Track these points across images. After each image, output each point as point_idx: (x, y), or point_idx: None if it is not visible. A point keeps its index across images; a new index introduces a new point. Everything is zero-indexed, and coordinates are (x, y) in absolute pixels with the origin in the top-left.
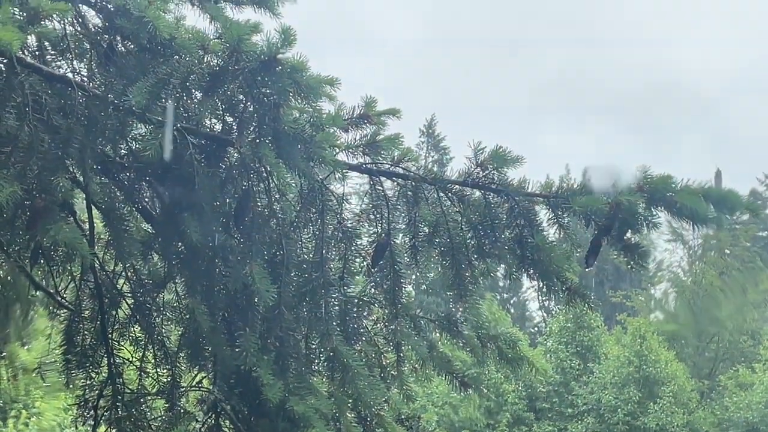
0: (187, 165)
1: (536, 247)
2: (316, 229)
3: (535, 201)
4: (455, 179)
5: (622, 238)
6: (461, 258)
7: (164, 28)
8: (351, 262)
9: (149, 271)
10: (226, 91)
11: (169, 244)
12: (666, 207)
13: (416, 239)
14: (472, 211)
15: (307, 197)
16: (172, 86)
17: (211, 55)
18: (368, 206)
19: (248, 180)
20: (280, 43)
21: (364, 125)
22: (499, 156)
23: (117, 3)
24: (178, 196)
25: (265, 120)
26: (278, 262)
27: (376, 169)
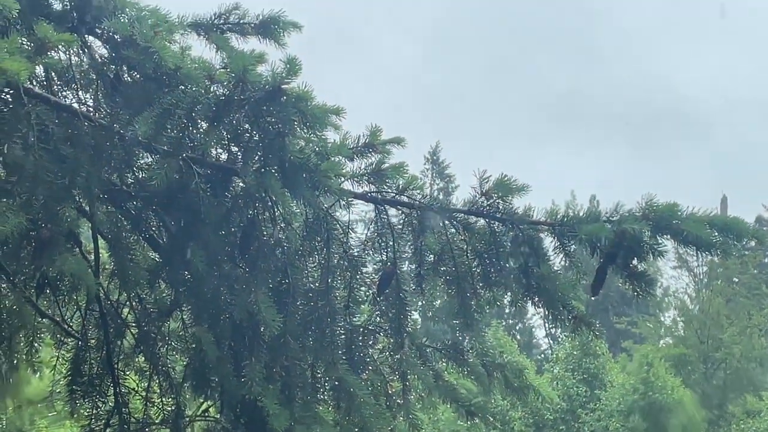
0: (193, 194)
1: (541, 275)
2: (322, 258)
3: (540, 229)
4: (460, 208)
5: (628, 266)
6: (467, 286)
7: (169, 58)
8: (356, 290)
9: (155, 300)
10: (231, 120)
11: (175, 272)
12: (672, 235)
13: (422, 267)
14: (477, 239)
15: (312, 226)
16: (177, 116)
17: (216, 85)
18: (373, 234)
19: (254, 209)
20: (285, 73)
21: (369, 154)
22: (504, 185)
23: (123, 33)
24: (184, 224)
25: (270, 149)
26: (284, 291)
27: (381, 197)
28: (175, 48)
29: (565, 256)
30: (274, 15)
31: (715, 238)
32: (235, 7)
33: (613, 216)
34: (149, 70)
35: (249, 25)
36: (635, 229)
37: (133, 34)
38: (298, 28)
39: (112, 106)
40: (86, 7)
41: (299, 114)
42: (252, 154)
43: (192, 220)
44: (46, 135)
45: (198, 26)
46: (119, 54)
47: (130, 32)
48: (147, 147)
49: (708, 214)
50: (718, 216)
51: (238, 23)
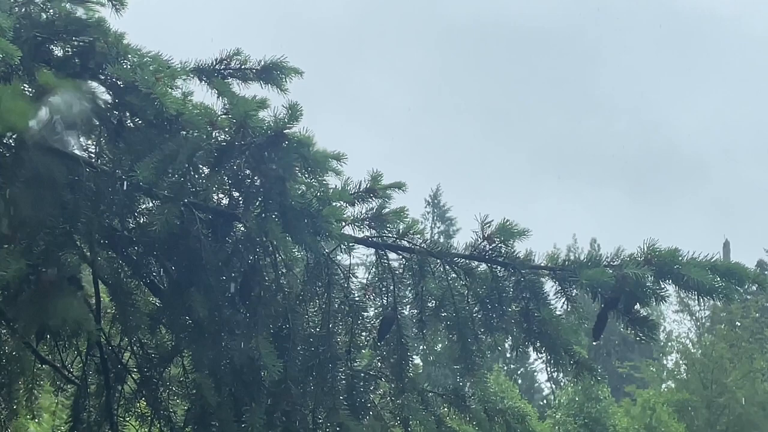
0: (194, 239)
1: (543, 320)
2: (323, 303)
3: (542, 274)
4: (462, 252)
5: (630, 311)
6: (468, 332)
7: (171, 104)
8: (358, 335)
9: (156, 345)
10: (232, 166)
11: (176, 317)
12: (673, 280)
13: (423, 312)
14: (478, 284)
15: (313, 271)
16: (179, 161)
17: (218, 131)
18: (374, 279)
19: (254, 254)
20: (286, 119)
21: (370, 199)
22: (506, 229)
23: (126, 79)
24: (185, 270)
25: (271, 194)
26: (285, 336)
27: (382, 242)
28: (177, 94)
29: (567, 300)
30: (276, 61)
31: (717, 283)
32: (236, 52)
33: (614, 261)
34: (151, 116)
35: (251, 71)
36: (637, 275)
37: (135, 80)
38: (299, 74)
39: (114, 152)
40: (89, 53)
41: (300, 159)
42: (253, 199)
43: (193, 265)
44: (48, 181)
45: (200, 72)
46: (122, 100)
47: (133, 78)
48: (148, 192)
49: (709, 259)
50: (719, 261)
51: (239, 69)
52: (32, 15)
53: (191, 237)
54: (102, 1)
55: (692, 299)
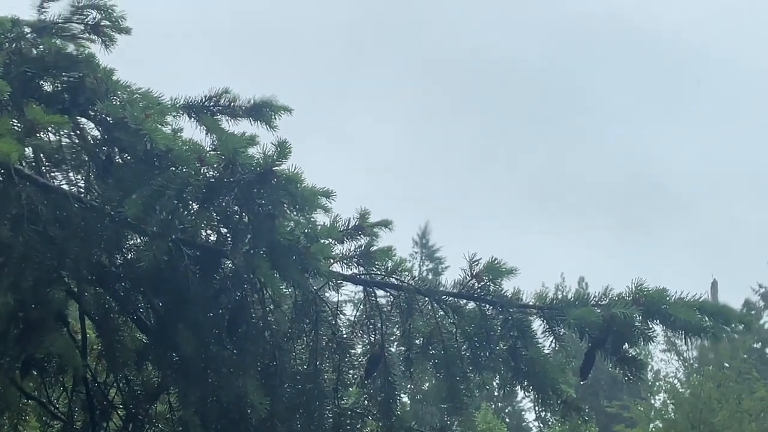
0: (182, 276)
1: (531, 359)
2: (310, 340)
3: (530, 312)
4: (450, 291)
5: (618, 350)
6: (456, 370)
7: (161, 139)
8: (345, 373)
9: (142, 382)
10: (221, 202)
11: (162, 354)
12: (661, 320)
13: (410, 350)
14: (467, 322)
15: (301, 308)
16: (167, 197)
17: (207, 167)
18: (362, 316)
19: (242, 291)
20: (276, 156)
21: (358, 236)
22: (494, 268)
23: (115, 116)
24: (172, 306)
25: (259, 231)
26: (272, 374)
27: (370, 279)
28: (167, 130)
29: (555, 339)
30: (266, 99)
31: (704, 323)
32: (225, 90)
33: (602, 300)
34: (140, 152)
35: (240, 108)
36: (625, 314)
37: (124, 116)
38: (289, 111)
39: (103, 188)
40: (79, 89)
41: (289, 196)
42: (242, 236)
43: (180, 301)
44: (36, 216)
45: (189, 108)
46: (111, 136)
47: (122, 114)
48: (136, 228)
49: (697, 299)
50: (707, 301)
51: (229, 106)
52: (22, 50)
53: (179, 273)
54: (92, 37)
55: (679, 339)
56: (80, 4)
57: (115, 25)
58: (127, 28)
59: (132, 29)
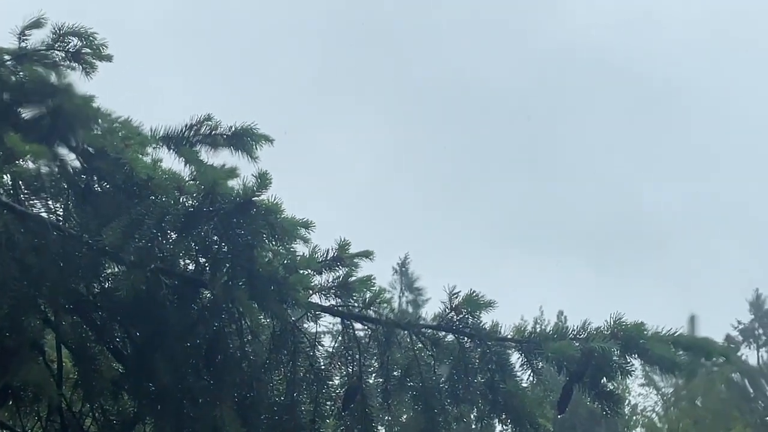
0: (160, 305)
1: (508, 392)
2: (288, 371)
3: (508, 345)
4: (429, 323)
5: (596, 384)
6: (434, 402)
7: (141, 168)
8: (322, 404)
9: (118, 412)
10: (200, 232)
11: (139, 384)
12: (639, 354)
13: (388, 382)
14: (445, 355)
15: (279, 339)
16: (146, 226)
17: (186, 197)
18: (340, 348)
19: (220, 321)
20: (256, 187)
21: (337, 267)
22: (473, 300)
23: (95, 145)
24: (149, 336)
25: (238, 261)
26: (249, 405)
27: (348, 311)
28: (147, 159)
29: (533, 373)
30: (247, 127)
31: (679, 358)
32: (207, 118)
33: (581, 333)
34: (120, 181)
35: (221, 137)
36: (604, 348)
37: (104, 145)
38: (269, 141)
39: (81, 216)
40: (59, 117)
41: (268, 227)
42: (220, 266)
43: (158, 331)
44: (13, 244)
45: (169, 139)
46: (90, 164)
47: (102, 144)
48: (114, 257)
49: (673, 333)
50: (682, 335)
51: (209, 135)
52: (2, 77)
53: (157, 303)
54: (72, 64)
55: (656, 373)
56: (61, 31)
57: (96, 52)
58: (109, 56)
59: (113, 56)
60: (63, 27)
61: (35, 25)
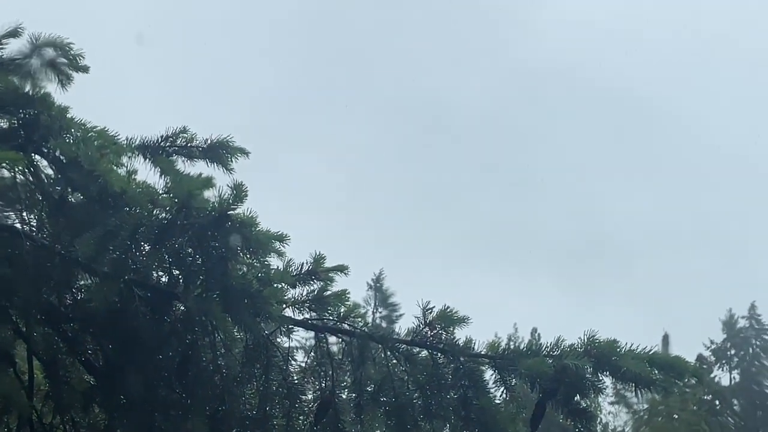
0: (132, 317)
1: (481, 408)
2: (261, 385)
3: (482, 362)
4: (403, 338)
5: (569, 402)
6: (407, 417)
7: (116, 181)
8: (295, 419)
9: (89, 424)
10: (174, 244)
11: (110, 396)
12: (612, 372)
13: (361, 397)
14: (419, 370)
15: (252, 352)
16: (120, 238)
17: (159, 209)
18: (313, 362)
19: (193, 334)
20: (231, 199)
21: (311, 281)
22: (447, 316)
23: (69, 155)
24: (121, 348)
25: (212, 274)
26: (221, 418)
27: (322, 325)
28: (122, 171)
29: (506, 389)
30: (222, 140)
31: (654, 375)
32: (182, 130)
33: (555, 351)
34: (94, 193)
35: (197, 149)
36: (577, 366)
37: (78, 155)
38: (245, 153)
39: (55, 227)
40: (34, 126)
41: (243, 240)
42: (194, 279)
43: (130, 343)
44: None
45: (145, 149)
46: (65, 175)
47: (75, 153)
48: (87, 268)
49: (647, 351)
50: (657, 354)
51: (185, 146)
52: None
53: (129, 315)
54: (49, 74)
55: (630, 391)
56: (38, 42)
57: (73, 63)
58: (85, 67)
59: (90, 68)
60: (40, 37)
61: (12, 35)
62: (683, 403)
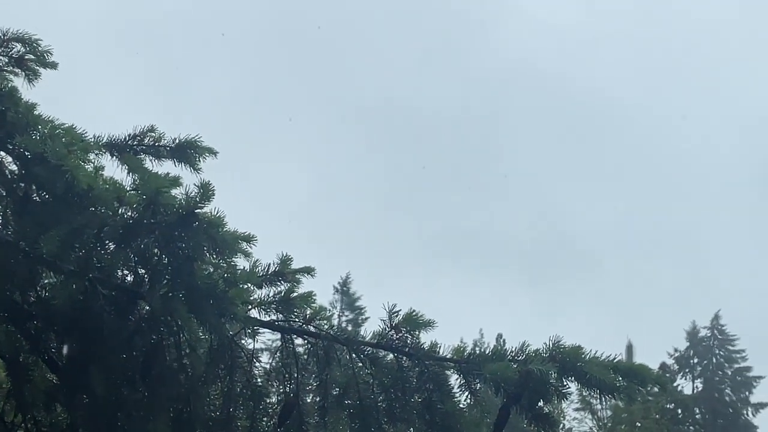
0: (96, 316)
1: (446, 412)
2: (225, 386)
3: (447, 366)
4: (368, 341)
5: (534, 406)
6: (371, 420)
7: (83, 177)
8: (259, 420)
9: (51, 423)
10: (140, 243)
11: (73, 395)
12: (576, 377)
13: (326, 400)
14: (384, 373)
15: (216, 353)
16: (86, 236)
17: (126, 207)
18: (278, 364)
19: (158, 333)
20: (198, 198)
21: (278, 282)
22: (413, 320)
23: (34, 151)
24: (85, 346)
25: (178, 274)
26: (184, 419)
27: (288, 327)
28: (89, 168)
29: (470, 394)
30: (191, 140)
31: (619, 382)
32: (150, 129)
33: (519, 355)
34: (60, 190)
35: (164, 148)
36: (542, 371)
37: (44, 151)
38: (213, 153)
39: (19, 224)
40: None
41: (210, 240)
42: (160, 278)
43: (94, 341)
44: None
45: (112, 147)
46: (30, 171)
47: (41, 149)
48: (52, 266)
49: (611, 358)
50: (621, 361)
51: (153, 146)
52: None
53: (93, 313)
54: (15, 70)
55: (594, 398)
56: (5, 36)
57: (40, 59)
58: (53, 63)
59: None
60: (7, 32)
61: None
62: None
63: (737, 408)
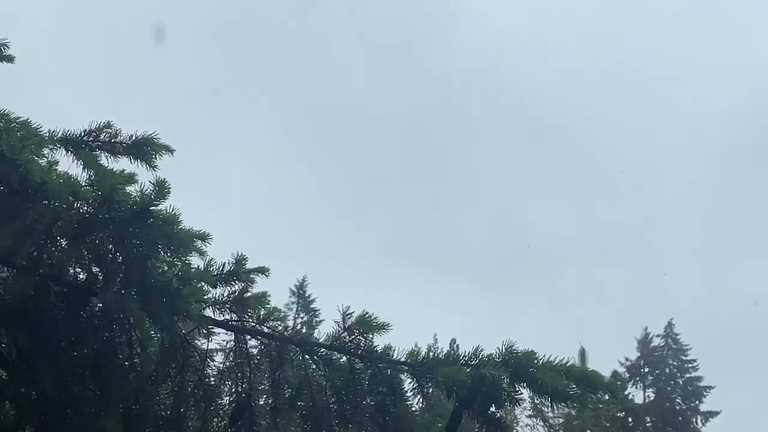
0: (47, 312)
1: (398, 415)
2: (176, 385)
3: (400, 369)
4: (322, 342)
5: (486, 411)
6: (323, 423)
7: (36, 171)
8: (210, 421)
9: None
10: (94, 239)
11: (22, 391)
12: (529, 383)
13: (278, 401)
14: (337, 375)
15: (168, 351)
16: (38, 231)
17: (80, 202)
18: (231, 364)
19: (110, 330)
20: (154, 195)
21: (233, 282)
22: (366, 322)
23: None
24: (35, 342)
25: (132, 271)
26: (134, 417)
27: (242, 326)
28: (43, 162)
29: (423, 397)
30: (147, 136)
31: (571, 389)
32: (106, 125)
33: (472, 360)
34: (15, 183)
35: (121, 145)
36: (494, 375)
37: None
38: (170, 151)
39: None
40: None
41: (165, 237)
42: (113, 275)
43: (44, 337)
44: None
45: (67, 142)
46: None
47: None
48: (5, 260)
49: (564, 363)
50: (574, 366)
51: (109, 142)
52: None
53: (44, 309)
54: None
55: (546, 405)
56: None
57: None
58: (10, 56)
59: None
60: None
61: None
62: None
63: (687, 417)
